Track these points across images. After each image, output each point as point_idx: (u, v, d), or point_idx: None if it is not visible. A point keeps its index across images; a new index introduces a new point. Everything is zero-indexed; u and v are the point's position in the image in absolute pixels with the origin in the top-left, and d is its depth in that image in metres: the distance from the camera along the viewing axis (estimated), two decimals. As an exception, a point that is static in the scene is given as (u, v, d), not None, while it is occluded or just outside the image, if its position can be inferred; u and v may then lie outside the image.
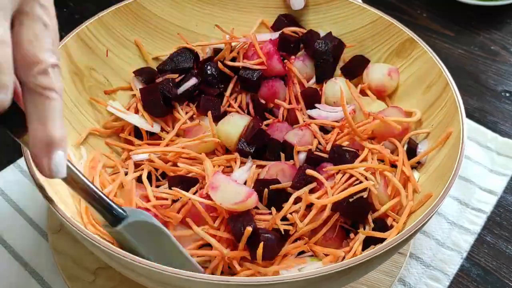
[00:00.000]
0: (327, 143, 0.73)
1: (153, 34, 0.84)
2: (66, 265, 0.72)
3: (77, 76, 0.76)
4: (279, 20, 0.85)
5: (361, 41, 0.83)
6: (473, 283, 0.75)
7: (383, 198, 0.66)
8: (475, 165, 0.87)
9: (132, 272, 0.56)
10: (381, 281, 0.72)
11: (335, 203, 0.64)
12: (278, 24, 0.85)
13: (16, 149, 0.81)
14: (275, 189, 0.66)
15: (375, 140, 0.73)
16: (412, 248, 0.77)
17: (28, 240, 0.76)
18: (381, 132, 0.72)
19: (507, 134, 0.92)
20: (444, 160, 0.66)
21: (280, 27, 0.84)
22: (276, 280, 0.51)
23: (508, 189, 0.85)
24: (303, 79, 0.80)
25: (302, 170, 0.67)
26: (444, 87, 0.72)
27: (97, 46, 0.79)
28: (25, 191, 0.81)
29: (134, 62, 0.83)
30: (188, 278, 0.51)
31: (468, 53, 1.07)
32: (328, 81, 0.79)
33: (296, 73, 0.79)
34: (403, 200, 0.65)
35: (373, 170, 0.67)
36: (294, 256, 0.65)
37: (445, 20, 1.13)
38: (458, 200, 0.83)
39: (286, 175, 0.68)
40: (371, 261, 0.54)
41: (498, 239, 0.79)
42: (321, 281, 0.53)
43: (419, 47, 0.76)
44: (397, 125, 0.70)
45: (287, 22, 0.84)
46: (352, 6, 0.82)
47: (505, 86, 1.01)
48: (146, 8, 0.83)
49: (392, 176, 0.67)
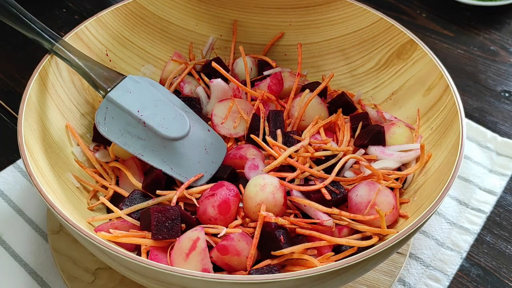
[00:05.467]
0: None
1: (153, 34, 0.84)
2: (65, 265, 0.72)
3: (76, 76, 0.76)
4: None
5: (361, 43, 0.83)
6: (473, 283, 0.75)
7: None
8: (474, 165, 0.87)
9: (131, 272, 0.56)
10: (381, 281, 0.72)
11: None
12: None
13: (16, 150, 0.81)
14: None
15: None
16: (412, 248, 0.77)
17: (28, 241, 0.76)
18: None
19: (506, 134, 0.93)
20: (444, 160, 0.67)
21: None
22: (268, 279, 0.51)
23: (508, 189, 0.85)
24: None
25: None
26: (444, 89, 0.72)
27: (96, 46, 0.79)
28: (25, 192, 0.81)
29: (133, 62, 0.83)
30: (183, 276, 0.51)
31: (467, 53, 1.07)
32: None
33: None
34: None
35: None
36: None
37: (444, 20, 1.13)
38: (458, 200, 0.83)
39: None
40: (366, 261, 0.55)
41: (497, 239, 0.80)
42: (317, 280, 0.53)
43: (419, 49, 0.76)
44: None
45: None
46: (353, 8, 0.82)
47: (505, 86, 1.01)
48: (146, 8, 0.83)
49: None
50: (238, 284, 0.52)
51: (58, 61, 0.73)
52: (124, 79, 0.71)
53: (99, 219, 0.65)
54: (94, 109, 0.78)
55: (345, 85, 0.85)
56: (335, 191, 0.67)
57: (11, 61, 1.02)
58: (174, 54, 0.85)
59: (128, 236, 0.63)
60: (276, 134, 0.74)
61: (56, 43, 0.71)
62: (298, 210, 0.68)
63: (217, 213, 0.65)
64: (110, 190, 0.70)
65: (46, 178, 0.63)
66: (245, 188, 0.67)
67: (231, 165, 0.73)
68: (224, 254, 0.61)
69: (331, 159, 0.71)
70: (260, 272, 0.61)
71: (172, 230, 0.62)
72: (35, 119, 0.68)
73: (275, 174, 0.69)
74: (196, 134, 0.72)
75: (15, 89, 0.97)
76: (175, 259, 0.60)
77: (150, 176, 0.68)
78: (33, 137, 0.66)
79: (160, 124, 0.69)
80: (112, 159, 0.74)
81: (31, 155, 0.63)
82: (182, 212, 0.64)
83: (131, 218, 0.65)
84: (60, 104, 0.73)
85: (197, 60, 0.85)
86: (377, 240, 0.63)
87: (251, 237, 0.63)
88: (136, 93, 0.71)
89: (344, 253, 0.63)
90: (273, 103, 0.80)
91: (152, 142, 0.69)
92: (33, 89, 0.69)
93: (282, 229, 0.63)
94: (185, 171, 0.70)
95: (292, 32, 0.87)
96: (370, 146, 0.73)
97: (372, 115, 0.79)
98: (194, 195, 0.68)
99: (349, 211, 0.66)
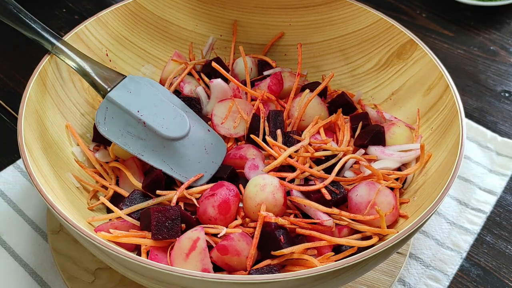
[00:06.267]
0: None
1: (153, 34, 0.84)
2: (65, 265, 0.72)
3: (76, 76, 0.76)
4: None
5: (361, 43, 0.83)
6: (473, 283, 0.75)
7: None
8: (474, 165, 0.87)
9: (131, 272, 0.56)
10: (381, 281, 0.72)
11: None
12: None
13: (16, 150, 0.81)
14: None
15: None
16: (412, 248, 0.77)
17: (28, 241, 0.76)
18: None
19: (506, 134, 0.93)
20: (444, 160, 0.67)
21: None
22: (268, 279, 0.52)
23: (508, 189, 0.85)
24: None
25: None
26: (444, 89, 0.72)
27: (96, 46, 0.79)
28: (25, 192, 0.81)
29: (133, 62, 0.83)
30: (183, 276, 0.51)
31: (467, 53, 1.07)
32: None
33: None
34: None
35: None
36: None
37: (444, 20, 1.13)
38: (458, 200, 0.83)
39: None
40: (366, 261, 0.55)
41: (497, 239, 0.80)
42: (317, 280, 0.53)
43: (419, 49, 0.77)
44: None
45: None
46: (353, 8, 0.82)
47: (505, 86, 1.01)
48: (146, 8, 0.83)
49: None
50: (238, 284, 0.52)
51: (58, 61, 0.73)
52: (124, 79, 0.71)
53: (99, 219, 0.65)
54: (94, 109, 0.78)
55: (345, 85, 0.85)
56: (335, 191, 0.67)
57: (11, 61, 1.02)
58: (174, 54, 0.85)
59: (128, 236, 0.63)
60: (276, 134, 0.74)
61: (56, 43, 0.71)
62: (298, 210, 0.68)
63: (217, 213, 0.65)
64: (110, 190, 0.70)
65: (46, 178, 0.63)
66: (245, 188, 0.67)
67: (231, 165, 0.73)
68: (224, 254, 0.61)
69: (331, 159, 0.71)
70: (260, 272, 0.61)
71: (172, 230, 0.62)
72: (35, 119, 0.68)
73: (275, 174, 0.69)
74: (196, 134, 0.72)
75: (15, 89, 0.97)
76: (175, 259, 0.60)
77: (150, 176, 0.68)
78: (33, 137, 0.66)
79: (160, 124, 0.69)
80: (112, 159, 0.74)
81: (31, 155, 0.63)
82: (182, 212, 0.64)
83: (131, 218, 0.65)
84: (60, 104, 0.73)
85: (197, 60, 0.85)
86: (377, 240, 0.63)
87: (251, 237, 0.63)
88: (136, 93, 0.71)
89: (344, 253, 0.63)
90: (273, 103, 0.80)
91: (152, 142, 0.69)
92: (33, 89, 0.69)
93: (282, 229, 0.63)
94: (185, 171, 0.70)
95: (292, 32, 0.87)
96: (370, 146, 0.73)
97: (372, 115, 0.79)
98: (194, 195, 0.68)
99: (349, 211, 0.66)
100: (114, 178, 0.73)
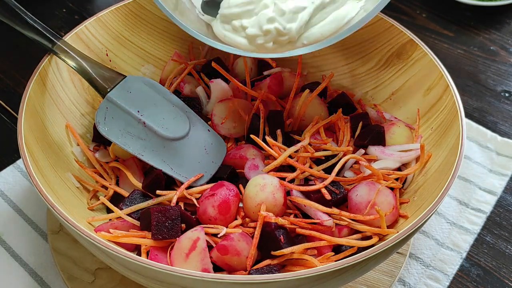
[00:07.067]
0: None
1: (153, 34, 0.84)
2: (65, 265, 0.72)
3: (76, 76, 0.76)
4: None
5: (361, 43, 0.83)
6: (473, 283, 0.75)
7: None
8: (474, 165, 0.87)
9: (131, 272, 0.56)
10: (381, 281, 0.72)
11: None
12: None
13: (16, 150, 0.81)
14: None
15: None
16: (412, 248, 0.77)
17: (28, 241, 0.76)
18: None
19: (506, 134, 0.93)
20: (444, 160, 0.67)
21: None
22: (268, 279, 0.52)
23: (508, 189, 0.85)
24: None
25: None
26: (444, 89, 0.72)
27: (96, 46, 0.79)
28: (25, 192, 0.81)
29: (133, 62, 0.83)
30: (183, 276, 0.51)
31: (467, 53, 1.07)
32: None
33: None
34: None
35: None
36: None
37: (444, 20, 1.13)
38: (458, 200, 0.83)
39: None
40: (366, 261, 0.55)
41: (497, 239, 0.80)
42: (317, 280, 0.53)
43: (419, 49, 0.76)
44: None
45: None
46: (352, 7, 0.82)
47: (505, 86, 1.01)
48: (146, 8, 0.83)
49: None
50: (238, 284, 0.52)
51: (58, 61, 0.73)
52: (124, 79, 0.71)
53: (99, 219, 0.65)
54: (94, 109, 0.78)
55: (345, 85, 0.85)
56: (335, 191, 0.67)
57: (11, 61, 1.02)
58: (174, 54, 0.85)
59: (128, 236, 0.63)
60: (276, 134, 0.74)
61: (56, 43, 0.71)
62: (298, 210, 0.68)
63: (217, 213, 0.65)
64: (110, 190, 0.70)
65: (46, 178, 0.63)
66: (245, 188, 0.67)
67: (231, 165, 0.73)
68: (224, 254, 0.61)
69: (331, 159, 0.71)
70: (260, 272, 0.61)
71: (172, 230, 0.62)
72: (35, 119, 0.68)
73: (275, 174, 0.69)
74: (196, 134, 0.72)
75: (15, 89, 0.97)
76: (175, 259, 0.60)
77: (150, 176, 0.68)
78: (33, 137, 0.66)
79: (160, 124, 0.69)
80: (112, 159, 0.74)
81: (31, 155, 0.63)
82: (182, 212, 0.64)
83: (131, 218, 0.65)
84: (60, 104, 0.73)
85: (197, 60, 0.85)
86: (377, 240, 0.63)
87: (251, 237, 0.63)
88: (136, 93, 0.71)
89: (344, 253, 0.63)
90: (273, 103, 0.80)
91: (152, 142, 0.69)
92: (33, 89, 0.69)
93: (282, 229, 0.63)
94: (185, 171, 0.70)
95: (292, 32, 0.86)
96: (370, 146, 0.73)
97: (372, 115, 0.79)
98: (194, 195, 0.68)
99: (349, 211, 0.66)
100: (114, 178, 0.73)
